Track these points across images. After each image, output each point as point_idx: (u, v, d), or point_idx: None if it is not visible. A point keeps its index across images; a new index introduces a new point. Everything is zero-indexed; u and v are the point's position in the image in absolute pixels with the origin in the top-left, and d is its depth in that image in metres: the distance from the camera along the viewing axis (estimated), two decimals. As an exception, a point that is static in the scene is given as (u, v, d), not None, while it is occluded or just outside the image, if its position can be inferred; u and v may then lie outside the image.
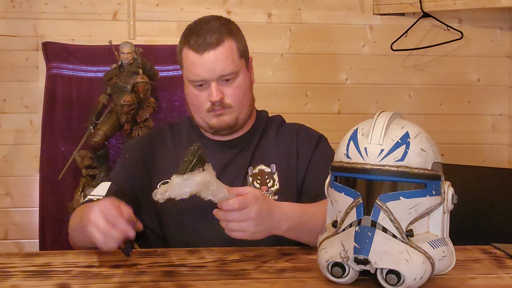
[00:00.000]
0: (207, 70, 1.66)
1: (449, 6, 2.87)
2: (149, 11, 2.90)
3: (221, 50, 1.66)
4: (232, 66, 1.67)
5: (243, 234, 1.43)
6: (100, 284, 1.33)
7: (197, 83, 1.68)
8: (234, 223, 1.42)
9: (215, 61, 1.66)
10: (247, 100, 1.74)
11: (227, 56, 1.67)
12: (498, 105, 3.10)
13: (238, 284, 1.33)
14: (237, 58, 1.69)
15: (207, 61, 1.65)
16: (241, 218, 1.41)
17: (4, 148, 2.91)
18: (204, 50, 1.65)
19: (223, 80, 1.68)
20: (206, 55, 1.65)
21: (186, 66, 1.70)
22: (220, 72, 1.66)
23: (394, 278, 1.24)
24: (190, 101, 1.74)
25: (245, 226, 1.42)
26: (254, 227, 1.43)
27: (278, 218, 1.49)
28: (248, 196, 1.41)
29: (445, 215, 1.33)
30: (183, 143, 1.78)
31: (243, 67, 1.72)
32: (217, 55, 1.66)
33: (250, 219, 1.42)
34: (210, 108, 1.69)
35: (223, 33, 1.67)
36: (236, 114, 1.71)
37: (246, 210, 1.41)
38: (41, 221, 2.85)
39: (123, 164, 1.79)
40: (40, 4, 2.87)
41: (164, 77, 2.83)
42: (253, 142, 1.78)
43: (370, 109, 3.01)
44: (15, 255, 1.55)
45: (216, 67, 1.66)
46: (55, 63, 2.85)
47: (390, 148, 1.28)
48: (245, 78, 1.72)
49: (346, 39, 3.02)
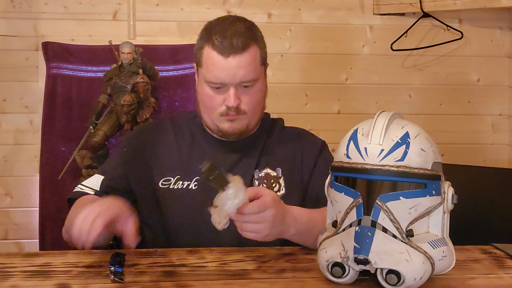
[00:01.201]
0: (229, 75, 1.63)
1: (449, 6, 2.87)
2: (149, 11, 2.90)
3: (246, 56, 1.63)
4: (254, 74, 1.65)
5: (257, 235, 1.43)
6: (100, 284, 1.33)
7: (215, 85, 1.65)
8: (250, 225, 1.41)
9: (238, 66, 1.62)
10: (260, 107, 1.73)
11: (251, 63, 1.64)
12: (498, 105, 3.10)
13: (238, 284, 1.33)
14: (259, 65, 1.67)
15: (230, 66, 1.62)
16: (258, 220, 1.41)
17: (4, 148, 2.91)
18: (229, 54, 1.62)
19: (242, 86, 1.65)
20: (230, 59, 1.62)
21: (206, 66, 1.66)
22: (241, 79, 1.64)
23: (394, 278, 1.25)
24: (203, 101, 1.70)
25: (261, 228, 1.41)
26: (269, 230, 1.42)
27: (288, 223, 1.49)
28: (266, 199, 1.40)
29: (445, 215, 1.33)
30: (185, 137, 1.77)
31: (262, 75, 1.71)
32: (241, 60, 1.62)
33: (267, 222, 1.41)
34: (224, 112, 1.67)
35: (249, 38, 1.64)
36: (248, 121, 1.70)
37: (264, 213, 1.40)
38: (41, 221, 2.84)
39: (120, 158, 1.76)
40: (40, 4, 2.87)
41: (164, 77, 2.83)
42: (258, 145, 1.76)
43: (370, 109, 3.00)
44: (15, 255, 1.55)
45: (238, 73, 1.63)
46: (55, 63, 2.85)
47: (390, 148, 1.28)
48: (262, 85, 1.71)
49: (346, 39, 3.02)
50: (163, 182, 1.70)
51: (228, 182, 1.34)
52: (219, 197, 1.35)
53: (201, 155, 1.73)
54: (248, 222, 1.41)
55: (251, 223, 1.41)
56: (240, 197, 1.35)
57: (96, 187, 1.70)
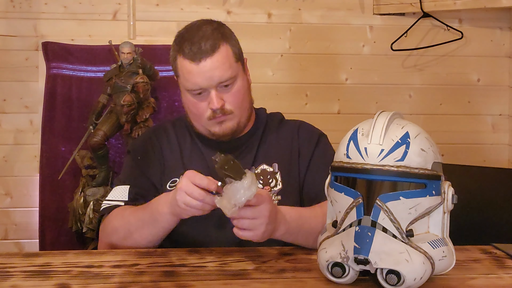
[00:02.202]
0: (205, 79, 1.64)
1: (449, 6, 2.87)
2: (149, 11, 2.90)
3: (218, 56, 1.64)
4: (230, 72, 1.66)
5: (254, 233, 1.43)
6: (100, 284, 1.33)
7: (195, 91, 1.66)
8: (246, 221, 1.41)
9: (212, 68, 1.63)
10: (246, 103, 1.73)
11: (224, 62, 1.64)
12: (498, 105, 3.10)
13: (238, 284, 1.33)
14: (233, 62, 1.68)
15: (204, 70, 1.63)
16: (255, 215, 1.41)
17: (4, 148, 2.91)
18: (201, 59, 1.63)
19: (221, 87, 1.66)
20: (202, 63, 1.63)
21: (183, 75, 1.67)
22: (218, 79, 1.64)
23: (394, 278, 1.25)
24: (189, 109, 1.73)
25: (257, 224, 1.42)
26: (265, 226, 1.43)
27: (279, 221, 1.49)
28: (262, 193, 1.42)
29: (445, 215, 1.33)
30: (186, 139, 1.78)
31: (240, 71, 1.71)
32: (214, 62, 1.63)
33: (263, 217, 1.42)
34: (212, 116, 1.68)
35: (217, 39, 1.65)
36: (237, 119, 1.71)
37: (261, 207, 1.41)
38: (41, 221, 2.84)
39: (138, 166, 1.77)
40: (40, 4, 2.87)
41: (164, 77, 2.82)
42: (254, 142, 1.77)
43: (370, 109, 3.01)
44: (15, 255, 1.55)
45: (214, 75, 1.64)
46: (55, 63, 2.85)
47: (390, 148, 1.28)
48: (243, 81, 1.71)
49: (346, 39, 3.02)
50: (170, 184, 1.72)
51: (244, 172, 1.36)
52: (233, 185, 1.36)
53: (200, 156, 1.75)
54: (245, 218, 1.41)
55: (248, 219, 1.41)
56: (253, 190, 1.36)
57: (124, 197, 1.71)
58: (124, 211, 1.65)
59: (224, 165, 1.35)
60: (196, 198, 1.44)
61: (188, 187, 1.44)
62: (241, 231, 1.42)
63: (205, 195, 1.43)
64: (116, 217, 1.65)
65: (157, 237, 1.59)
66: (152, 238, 1.59)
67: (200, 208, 1.45)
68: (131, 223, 1.60)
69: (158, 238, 1.59)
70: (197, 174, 1.45)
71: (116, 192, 1.72)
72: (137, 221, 1.59)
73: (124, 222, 1.62)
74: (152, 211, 1.56)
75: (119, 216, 1.64)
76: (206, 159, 1.73)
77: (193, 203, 1.44)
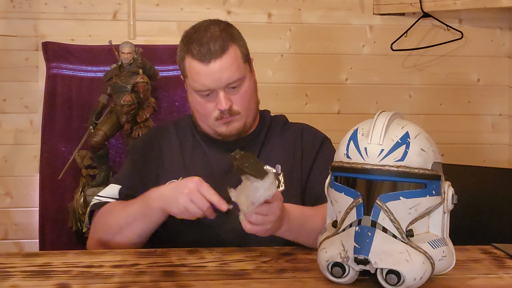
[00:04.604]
0: (214, 80, 1.64)
1: (449, 6, 2.87)
2: (149, 11, 2.90)
3: (227, 58, 1.64)
4: (238, 73, 1.66)
5: (261, 228, 1.43)
6: (100, 284, 1.33)
7: (203, 92, 1.67)
8: (260, 217, 1.41)
9: (221, 69, 1.64)
10: (253, 103, 1.74)
11: (233, 64, 1.65)
12: (498, 105, 3.09)
13: (238, 284, 1.33)
14: (242, 63, 1.68)
15: (213, 71, 1.64)
16: (268, 212, 1.41)
17: (4, 148, 2.91)
18: (210, 60, 1.63)
19: (229, 88, 1.66)
20: (212, 64, 1.63)
21: (191, 76, 1.68)
22: (227, 81, 1.65)
23: (394, 278, 1.25)
24: (196, 109, 1.73)
25: (268, 220, 1.42)
26: (275, 223, 1.44)
27: (283, 218, 1.49)
28: (277, 192, 1.41)
29: (445, 215, 1.33)
30: (187, 140, 1.78)
31: (248, 71, 1.71)
32: (223, 63, 1.64)
33: (274, 214, 1.43)
34: (219, 117, 1.68)
35: (226, 40, 1.65)
36: (244, 120, 1.71)
37: (274, 204, 1.42)
38: (41, 221, 2.84)
39: (133, 167, 1.78)
40: (40, 4, 2.87)
41: (164, 77, 2.83)
42: (258, 143, 1.77)
43: (370, 109, 3.00)
44: (15, 255, 1.55)
45: (223, 76, 1.64)
46: (55, 63, 2.85)
47: (390, 148, 1.28)
48: (250, 82, 1.71)
49: (346, 39, 3.02)
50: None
51: (266, 172, 1.34)
52: (252, 184, 1.34)
53: (202, 157, 1.75)
54: (258, 214, 1.40)
55: (262, 215, 1.41)
56: (272, 190, 1.35)
57: (114, 196, 1.73)
58: (114, 207, 1.68)
59: (245, 162, 1.34)
60: (200, 207, 1.49)
61: (195, 195, 1.49)
62: (249, 225, 1.42)
63: (208, 206, 1.48)
64: (106, 213, 1.68)
65: (147, 232, 1.63)
66: (142, 232, 1.62)
67: (198, 216, 1.51)
68: (122, 218, 1.63)
69: (148, 232, 1.63)
70: (206, 185, 1.50)
71: (108, 190, 1.75)
72: (128, 217, 1.62)
73: (115, 218, 1.64)
74: (142, 206, 1.60)
75: (110, 212, 1.67)
76: (209, 159, 1.73)
77: (194, 210, 1.50)
